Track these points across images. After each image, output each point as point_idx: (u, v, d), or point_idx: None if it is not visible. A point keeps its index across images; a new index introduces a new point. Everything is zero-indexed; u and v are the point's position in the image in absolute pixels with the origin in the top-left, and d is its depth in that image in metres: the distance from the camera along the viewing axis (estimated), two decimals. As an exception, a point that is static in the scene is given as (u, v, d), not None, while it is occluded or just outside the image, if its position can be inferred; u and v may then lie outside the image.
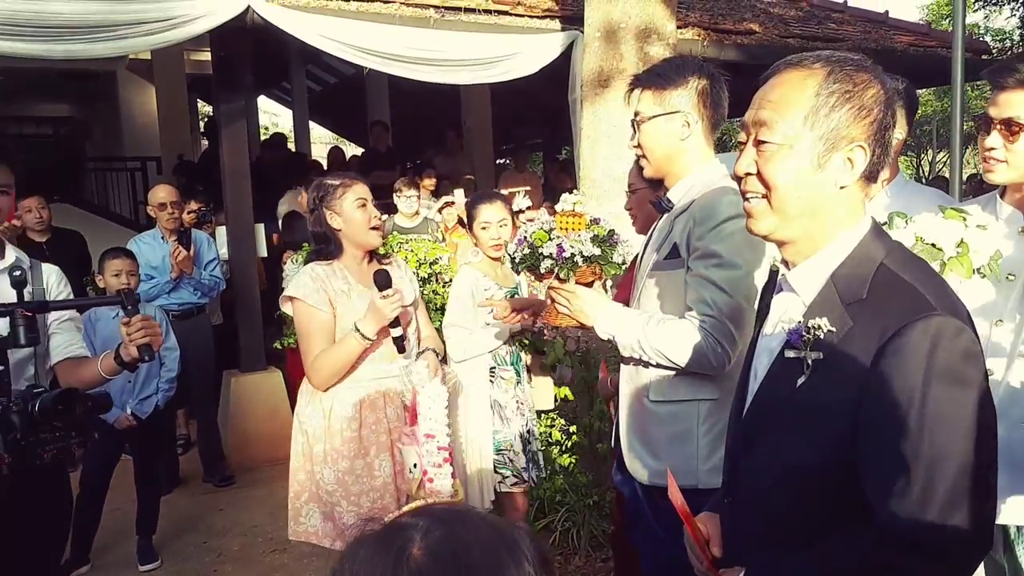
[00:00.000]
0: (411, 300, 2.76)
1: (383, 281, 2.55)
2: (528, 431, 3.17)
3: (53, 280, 2.35)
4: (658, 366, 1.99)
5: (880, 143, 1.23)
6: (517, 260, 2.14)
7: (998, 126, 1.91)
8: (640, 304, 2.13)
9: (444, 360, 2.97)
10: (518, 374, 3.18)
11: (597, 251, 2.05)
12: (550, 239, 2.07)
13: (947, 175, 4.58)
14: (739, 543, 1.38)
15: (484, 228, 3.15)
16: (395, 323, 2.59)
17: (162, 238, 4.88)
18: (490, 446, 3.07)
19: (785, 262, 1.33)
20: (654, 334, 1.94)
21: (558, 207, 2.14)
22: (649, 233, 2.24)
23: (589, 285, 2.10)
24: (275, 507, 2.67)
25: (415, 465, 2.48)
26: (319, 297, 2.55)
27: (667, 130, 2.04)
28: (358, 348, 2.54)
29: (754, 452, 1.34)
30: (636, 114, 2.09)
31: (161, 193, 4.88)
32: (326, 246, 2.67)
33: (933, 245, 1.80)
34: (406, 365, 2.63)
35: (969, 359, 1.13)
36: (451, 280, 4.26)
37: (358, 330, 2.52)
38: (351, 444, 2.56)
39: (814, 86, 1.23)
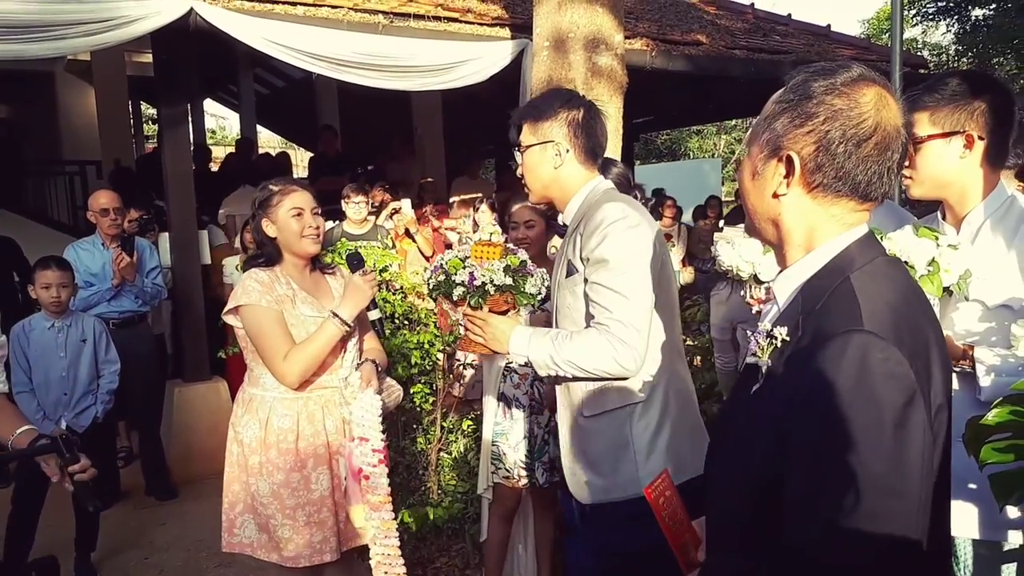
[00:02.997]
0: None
1: (357, 263, 2.61)
2: (544, 431, 3.13)
3: None
4: (575, 379, 2.04)
5: (827, 152, 1.16)
6: (431, 287, 2.17)
7: None
8: (557, 324, 2.20)
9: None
10: None
11: (509, 280, 2.09)
12: (464, 267, 2.11)
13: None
14: (708, 546, 1.40)
15: (513, 227, 3.25)
16: (371, 304, 2.60)
17: (102, 244, 4.74)
18: (490, 436, 3.20)
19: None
20: (564, 348, 1.99)
21: (476, 236, 2.18)
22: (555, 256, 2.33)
23: (503, 314, 2.13)
24: (220, 521, 2.62)
25: (346, 477, 2.47)
26: (268, 299, 2.50)
27: (541, 158, 2.16)
28: (337, 335, 2.49)
29: (719, 454, 1.35)
30: (519, 143, 2.21)
31: (103, 199, 4.76)
32: (263, 251, 2.64)
33: (906, 263, 1.84)
34: (345, 377, 2.60)
35: (891, 381, 1.06)
36: (401, 288, 4.22)
37: (336, 315, 2.48)
38: (287, 456, 2.51)
39: (773, 98, 1.24)
